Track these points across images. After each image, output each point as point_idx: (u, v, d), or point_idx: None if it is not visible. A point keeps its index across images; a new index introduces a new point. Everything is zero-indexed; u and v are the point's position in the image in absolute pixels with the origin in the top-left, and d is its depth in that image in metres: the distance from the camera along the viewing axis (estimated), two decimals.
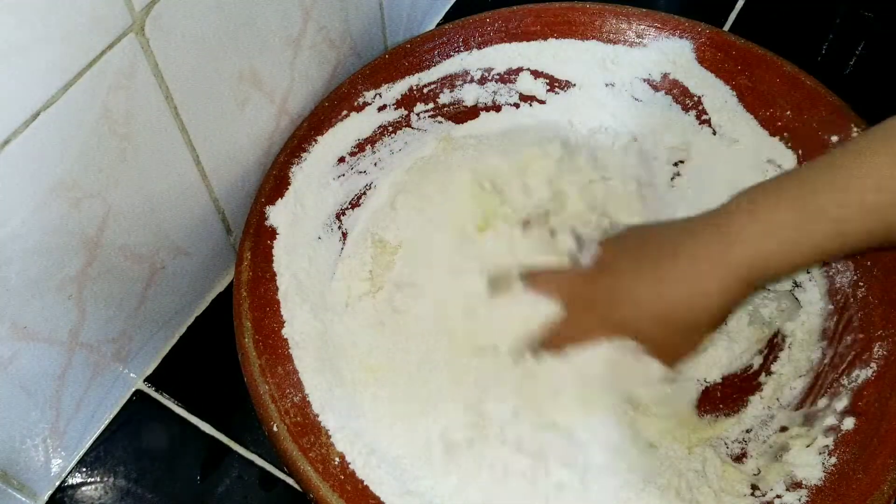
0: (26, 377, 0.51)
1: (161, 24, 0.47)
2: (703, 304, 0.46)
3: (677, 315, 0.47)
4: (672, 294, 0.46)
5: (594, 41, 0.70)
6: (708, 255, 0.45)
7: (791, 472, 0.53)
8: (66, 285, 0.51)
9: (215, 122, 0.56)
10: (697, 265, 0.46)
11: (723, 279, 0.45)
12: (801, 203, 0.44)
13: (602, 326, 0.50)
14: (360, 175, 0.66)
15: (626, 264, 0.50)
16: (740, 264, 0.45)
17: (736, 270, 0.45)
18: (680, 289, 0.46)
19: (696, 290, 0.46)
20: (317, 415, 0.53)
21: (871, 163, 0.43)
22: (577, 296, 0.53)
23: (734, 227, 0.45)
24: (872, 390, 0.54)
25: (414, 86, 0.68)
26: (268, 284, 0.57)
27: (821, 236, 0.44)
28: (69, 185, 0.47)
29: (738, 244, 0.44)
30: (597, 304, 0.51)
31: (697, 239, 0.46)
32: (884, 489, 0.49)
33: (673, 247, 0.47)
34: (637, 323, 0.49)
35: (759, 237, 0.44)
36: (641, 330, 0.49)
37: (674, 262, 0.47)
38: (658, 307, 0.47)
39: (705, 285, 0.46)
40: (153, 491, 0.59)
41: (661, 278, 0.47)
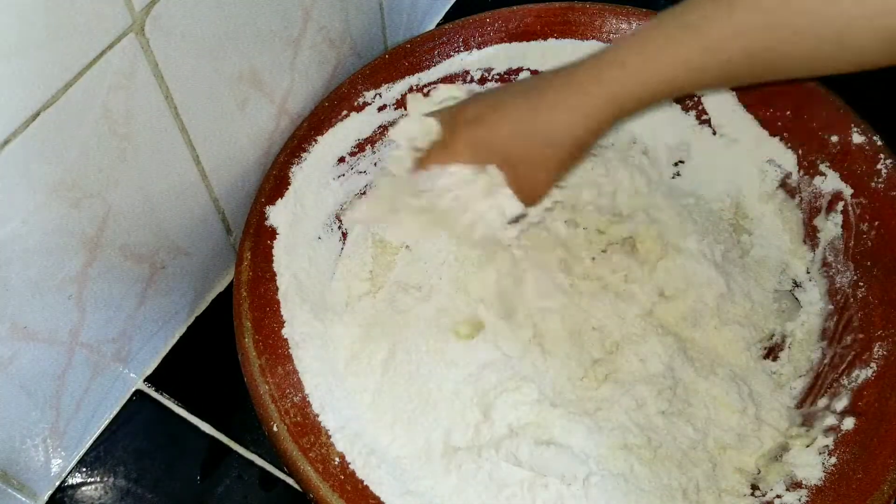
0: (26, 377, 0.51)
1: (161, 24, 0.47)
2: (566, 129, 0.49)
3: (541, 136, 0.49)
4: (539, 117, 0.49)
5: (594, 41, 0.70)
6: (576, 86, 0.49)
7: (791, 472, 0.53)
8: (66, 285, 0.51)
9: (215, 122, 0.56)
10: (564, 97, 0.49)
11: (590, 103, 0.48)
12: (658, 38, 0.47)
13: (470, 146, 0.52)
14: (360, 175, 0.66)
15: (502, 95, 0.53)
16: (606, 93, 0.48)
17: (602, 98, 0.48)
18: (547, 114, 0.49)
19: (562, 117, 0.49)
20: (317, 415, 0.53)
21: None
22: (450, 121, 0.54)
23: (599, 67, 0.49)
24: (872, 390, 0.54)
25: (414, 86, 0.68)
26: (268, 284, 0.57)
27: (675, 70, 0.47)
28: (69, 185, 0.47)
29: (605, 81, 0.48)
30: (466, 130, 0.52)
31: (566, 78, 0.50)
32: (884, 489, 0.49)
33: (545, 83, 0.51)
34: (504, 143, 0.51)
35: (620, 78, 0.48)
36: (507, 152, 0.51)
37: (543, 94, 0.49)
38: (525, 127, 0.50)
39: (570, 113, 0.49)
40: (153, 491, 0.59)
41: (531, 106, 0.50)
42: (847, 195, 0.61)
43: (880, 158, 0.60)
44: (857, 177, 0.61)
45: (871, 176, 0.60)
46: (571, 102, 0.49)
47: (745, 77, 0.49)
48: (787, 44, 0.44)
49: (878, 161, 0.60)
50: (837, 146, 0.62)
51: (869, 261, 0.59)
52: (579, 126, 0.49)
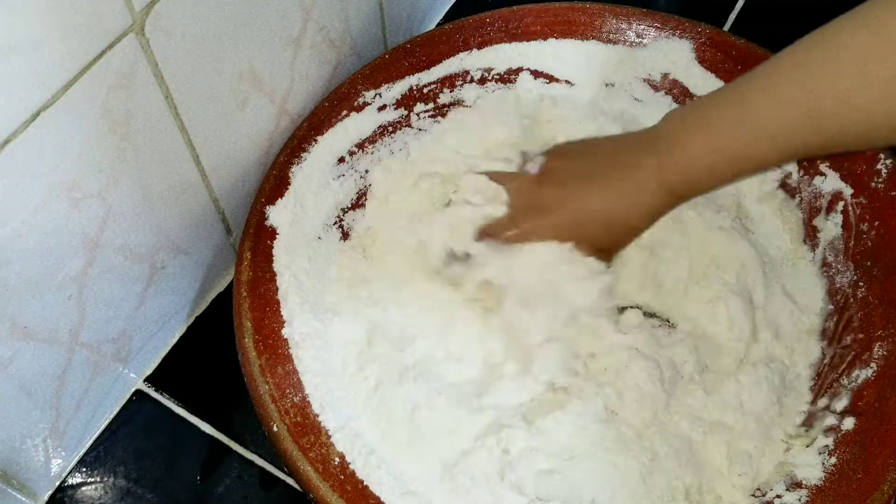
0: (26, 377, 0.51)
1: (161, 24, 0.47)
2: (639, 209, 0.54)
3: (618, 217, 0.54)
4: (614, 198, 0.53)
5: (594, 41, 0.70)
6: (644, 167, 0.53)
7: (791, 472, 0.53)
8: (66, 285, 0.51)
9: (215, 122, 0.56)
10: (635, 175, 0.53)
11: (656, 190, 0.53)
12: (725, 125, 0.50)
13: (547, 228, 0.55)
14: (360, 175, 0.66)
15: (571, 172, 0.56)
16: (670, 179, 0.52)
17: (666, 184, 0.53)
18: (621, 195, 0.53)
19: (635, 197, 0.53)
20: (317, 415, 0.53)
21: (793, 78, 0.48)
22: (524, 198, 0.58)
23: (666, 145, 0.52)
24: (872, 390, 0.54)
25: (414, 86, 0.68)
26: (268, 284, 0.57)
27: (745, 154, 0.50)
28: (69, 185, 0.47)
29: (668, 165, 0.52)
30: (542, 207, 0.56)
31: (635, 153, 0.53)
32: (884, 489, 0.49)
33: (614, 158, 0.54)
34: (582, 225, 0.55)
35: (687, 158, 0.52)
36: (586, 232, 0.55)
37: (615, 172, 0.53)
38: (602, 209, 0.54)
39: (642, 193, 0.53)
40: (153, 491, 0.59)
41: (604, 185, 0.54)
42: (847, 195, 0.61)
43: (880, 158, 0.60)
44: (857, 177, 0.61)
45: (871, 176, 0.60)
46: (637, 198, 0.53)
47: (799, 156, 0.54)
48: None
49: (878, 161, 0.60)
50: None
51: (869, 261, 0.59)
52: (647, 216, 0.55)
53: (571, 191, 0.56)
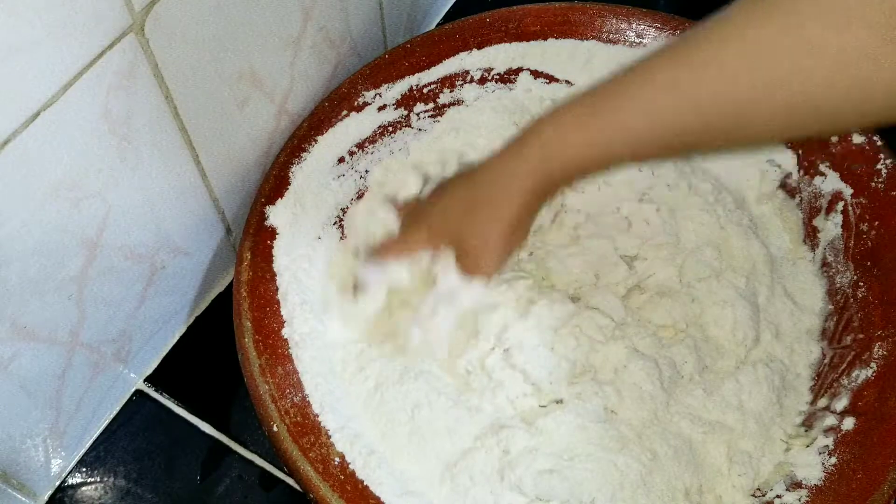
0: (26, 377, 0.51)
1: (161, 24, 0.47)
2: (504, 203, 0.51)
3: (483, 212, 0.52)
4: (478, 195, 0.52)
5: (594, 41, 0.70)
6: (508, 168, 0.51)
7: (791, 472, 0.53)
8: (66, 285, 0.51)
9: (215, 122, 0.56)
10: (499, 175, 0.51)
11: (520, 185, 0.50)
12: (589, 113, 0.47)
13: (424, 236, 0.55)
14: (360, 175, 0.66)
15: (448, 188, 0.56)
16: (533, 172, 0.50)
17: (528, 179, 0.50)
18: (484, 191, 0.52)
19: (499, 192, 0.51)
20: (317, 415, 0.53)
21: (660, 67, 0.45)
22: (407, 217, 0.58)
23: (527, 147, 0.50)
24: (872, 390, 0.54)
25: (414, 86, 0.68)
26: (268, 284, 0.57)
27: (610, 145, 0.47)
28: (69, 185, 0.47)
29: (530, 161, 0.50)
30: (420, 219, 0.56)
31: (501, 158, 0.52)
32: (884, 489, 0.49)
33: (483, 166, 0.53)
34: (451, 225, 0.53)
35: (546, 157, 0.49)
36: (455, 232, 0.53)
37: (480, 174, 0.52)
38: (466, 206, 0.52)
39: (506, 189, 0.51)
40: (153, 491, 0.59)
41: (469, 186, 0.53)
42: (847, 195, 0.61)
43: (880, 158, 0.60)
44: (857, 177, 0.61)
45: (871, 176, 0.60)
46: (504, 171, 0.51)
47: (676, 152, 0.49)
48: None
49: (878, 161, 0.60)
50: (837, 146, 0.62)
51: (869, 261, 0.59)
52: (515, 193, 0.51)
53: (443, 196, 0.55)
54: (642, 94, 0.45)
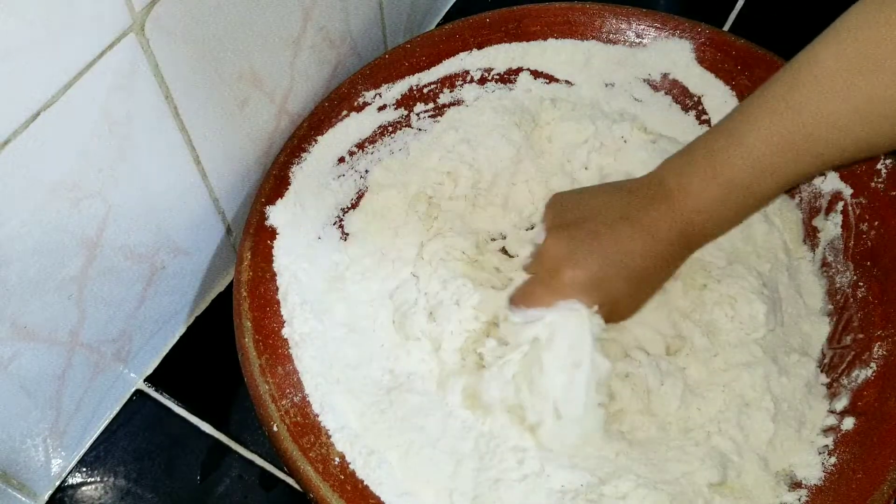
0: (26, 377, 0.51)
1: (161, 24, 0.47)
2: (657, 262, 0.54)
3: (637, 272, 0.53)
4: (630, 253, 0.53)
5: (594, 41, 0.70)
6: (655, 218, 0.53)
7: (791, 472, 0.53)
8: (66, 285, 0.51)
9: (215, 121, 0.56)
10: (648, 227, 0.53)
11: (671, 239, 0.53)
12: (727, 168, 0.51)
13: (574, 290, 0.53)
14: (360, 175, 0.66)
15: (579, 231, 0.54)
16: (684, 228, 0.53)
17: (681, 232, 0.53)
18: (636, 249, 0.53)
19: (651, 249, 0.53)
20: (317, 415, 0.53)
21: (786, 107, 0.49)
22: (539, 266, 0.56)
23: (674, 193, 0.53)
24: (872, 390, 0.54)
25: (414, 86, 0.68)
26: (268, 284, 0.57)
27: (752, 191, 0.51)
28: (69, 185, 0.47)
29: (680, 214, 0.53)
30: (560, 269, 0.54)
31: (642, 203, 0.54)
32: (884, 489, 0.49)
33: (620, 210, 0.54)
34: (602, 286, 0.53)
35: (697, 204, 0.52)
36: (606, 292, 0.54)
37: (625, 226, 0.53)
38: (621, 265, 0.53)
39: (658, 244, 0.53)
40: (153, 491, 0.59)
41: (617, 241, 0.53)
42: (847, 195, 0.61)
43: (880, 158, 0.60)
44: (856, 177, 0.61)
45: (871, 176, 0.60)
46: (649, 250, 0.53)
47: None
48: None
49: (878, 161, 0.60)
50: None
51: (869, 261, 0.59)
52: (659, 271, 0.55)
53: (584, 251, 0.53)
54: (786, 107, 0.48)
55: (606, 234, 0.53)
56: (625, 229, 0.53)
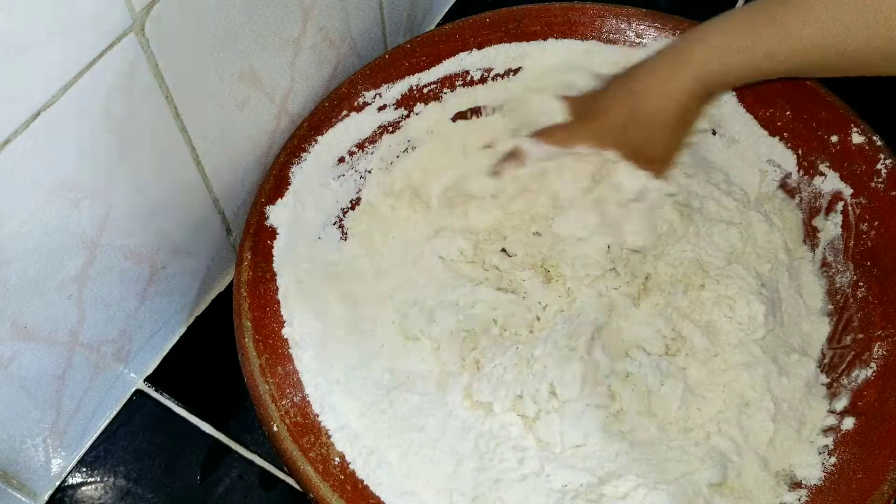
0: (26, 377, 0.51)
1: (161, 24, 0.47)
2: (664, 106, 0.58)
3: (645, 115, 0.59)
4: (639, 100, 0.59)
5: (594, 41, 0.70)
6: (665, 72, 0.58)
7: (791, 471, 0.53)
8: (66, 285, 0.51)
9: (215, 122, 0.56)
10: (657, 80, 0.58)
11: (678, 87, 0.58)
12: (744, 27, 0.55)
13: (589, 134, 0.61)
14: (360, 175, 0.66)
15: (608, 95, 0.62)
16: (691, 76, 0.57)
17: (687, 81, 0.57)
18: (646, 96, 0.59)
19: (658, 96, 0.58)
20: (317, 415, 0.53)
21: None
22: (574, 112, 0.64)
23: (684, 51, 0.58)
24: (872, 390, 0.54)
25: (414, 86, 0.68)
26: (268, 284, 0.57)
27: (761, 53, 0.55)
28: (69, 185, 0.47)
29: (688, 64, 0.57)
30: (586, 117, 0.62)
31: (656, 63, 0.59)
32: (884, 489, 0.49)
33: (638, 71, 0.60)
34: (620, 132, 0.60)
35: (705, 57, 0.57)
36: (620, 134, 0.60)
37: (638, 80, 0.60)
38: (629, 111, 0.59)
39: (662, 98, 0.58)
40: (153, 491, 0.59)
41: (629, 92, 0.60)
42: (847, 195, 0.61)
43: (880, 158, 0.60)
44: (856, 177, 0.61)
45: (871, 176, 0.60)
46: (661, 88, 0.58)
47: (819, 69, 0.56)
48: (857, 41, 0.50)
49: (877, 161, 0.60)
50: (837, 146, 0.62)
51: (869, 261, 0.59)
52: (672, 108, 0.58)
53: (606, 98, 0.61)
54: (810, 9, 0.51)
55: (623, 84, 0.61)
56: (639, 74, 0.60)
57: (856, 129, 0.62)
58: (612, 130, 0.60)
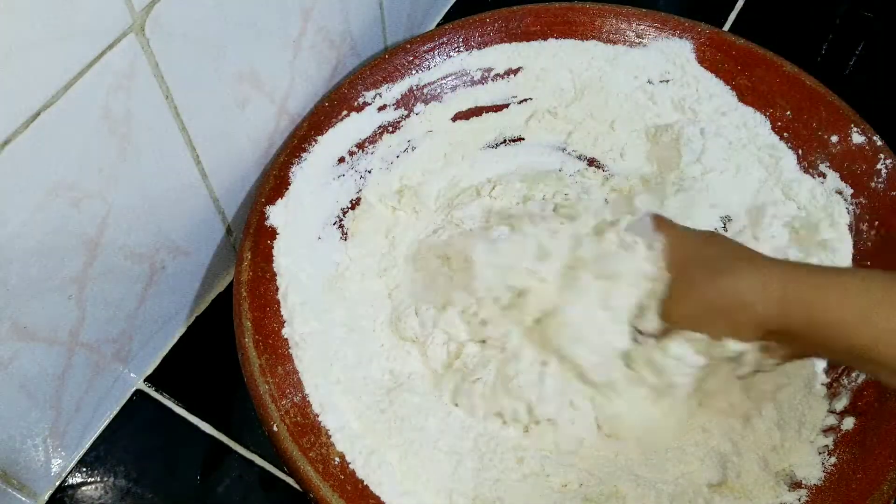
0: (26, 377, 0.51)
1: (161, 24, 0.47)
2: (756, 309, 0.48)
3: (737, 308, 0.48)
4: (741, 289, 0.48)
5: (594, 41, 0.70)
6: (769, 273, 0.48)
7: (791, 471, 0.53)
8: (66, 285, 0.51)
9: (215, 122, 0.56)
10: (761, 273, 0.48)
11: (777, 297, 0.47)
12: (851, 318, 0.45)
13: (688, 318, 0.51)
14: (360, 175, 0.66)
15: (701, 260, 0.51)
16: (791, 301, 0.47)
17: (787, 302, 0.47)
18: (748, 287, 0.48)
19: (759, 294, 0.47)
20: (317, 415, 0.53)
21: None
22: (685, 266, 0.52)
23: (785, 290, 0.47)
24: (872, 390, 0.54)
25: (414, 86, 0.68)
26: (268, 284, 0.57)
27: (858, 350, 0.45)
28: (69, 185, 0.47)
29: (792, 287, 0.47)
30: (681, 295, 0.51)
31: (765, 263, 0.49)
32: (884, 489, 0.49)
33: (745, 254, 0.50)
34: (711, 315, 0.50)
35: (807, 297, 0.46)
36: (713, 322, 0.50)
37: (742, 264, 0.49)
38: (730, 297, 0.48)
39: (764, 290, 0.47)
40: (153, 491, 0.59)
41: (733, 275, 0.48)
42: (847, 195, 0.61)
43: (880, 158, 0.60)
44: (857, 177, 0.61)
45: (871, 176, 0.60)
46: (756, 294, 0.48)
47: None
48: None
49: (878, 161, 0.60)
50: (837, 146, 0.62)
51: (869, 261, 0.59)
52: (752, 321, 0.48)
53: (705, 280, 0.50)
54: None
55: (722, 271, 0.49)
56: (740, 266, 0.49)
57: (856, 129, 0.62)
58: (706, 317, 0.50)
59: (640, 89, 0.69)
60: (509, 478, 0.53)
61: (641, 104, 0.69)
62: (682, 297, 0.51)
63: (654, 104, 0.69)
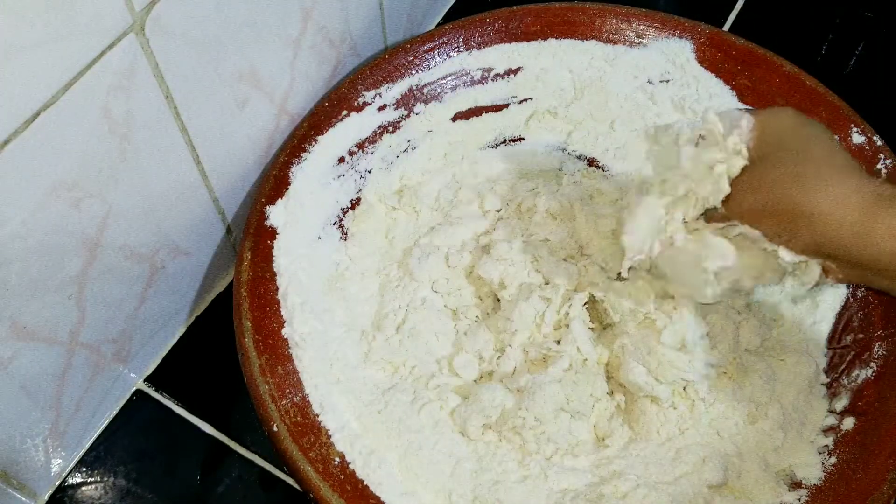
0: (26, 377, 0.51)
1: (161, 24, 0.47)
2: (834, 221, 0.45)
3: (817, 219, 0.46)
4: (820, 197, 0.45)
5: (594, 41, 0.70)
6: (856, 190, 0.45)
7: (791, 471, 0.53)
8: (66, 285, 0.51)
9: (215, 122, 0.56)
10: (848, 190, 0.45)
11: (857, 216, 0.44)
12: None
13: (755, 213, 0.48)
14: (360, 175, 0.66)
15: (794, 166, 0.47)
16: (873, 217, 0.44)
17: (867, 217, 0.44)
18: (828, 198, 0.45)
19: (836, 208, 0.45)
20: (317, 415, 0.53)
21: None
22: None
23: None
24: (872, 390, 0.54)
25: (414, 86, 0.68)
26: (268, 284, 0.57)
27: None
28: (69, 185, 0.47)
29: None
30: (757, 188, 0.48)
31: (856, 173, 0.47)
32: (884, 489, 0.49)
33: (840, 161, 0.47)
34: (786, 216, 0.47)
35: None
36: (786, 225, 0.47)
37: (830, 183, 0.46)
38: (807, 204, 0.46)
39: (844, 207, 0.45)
40: (153, 491, 0.59)
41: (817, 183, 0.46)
42: None
43: (880, 158, 0.60)
44: None
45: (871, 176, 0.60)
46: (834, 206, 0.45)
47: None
48: None
49: (878, 161, 0.60)
50: None
51: None
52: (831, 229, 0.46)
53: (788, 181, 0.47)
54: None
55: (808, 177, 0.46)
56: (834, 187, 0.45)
57: (856, 129, 0.62)
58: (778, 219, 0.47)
59: (640, 89, 0.69)
60: (509, 479, 0.53)
61: (641, 104, 0.69)
62: (757, 185, 0.48)
63: (654, 104, 0.69)
